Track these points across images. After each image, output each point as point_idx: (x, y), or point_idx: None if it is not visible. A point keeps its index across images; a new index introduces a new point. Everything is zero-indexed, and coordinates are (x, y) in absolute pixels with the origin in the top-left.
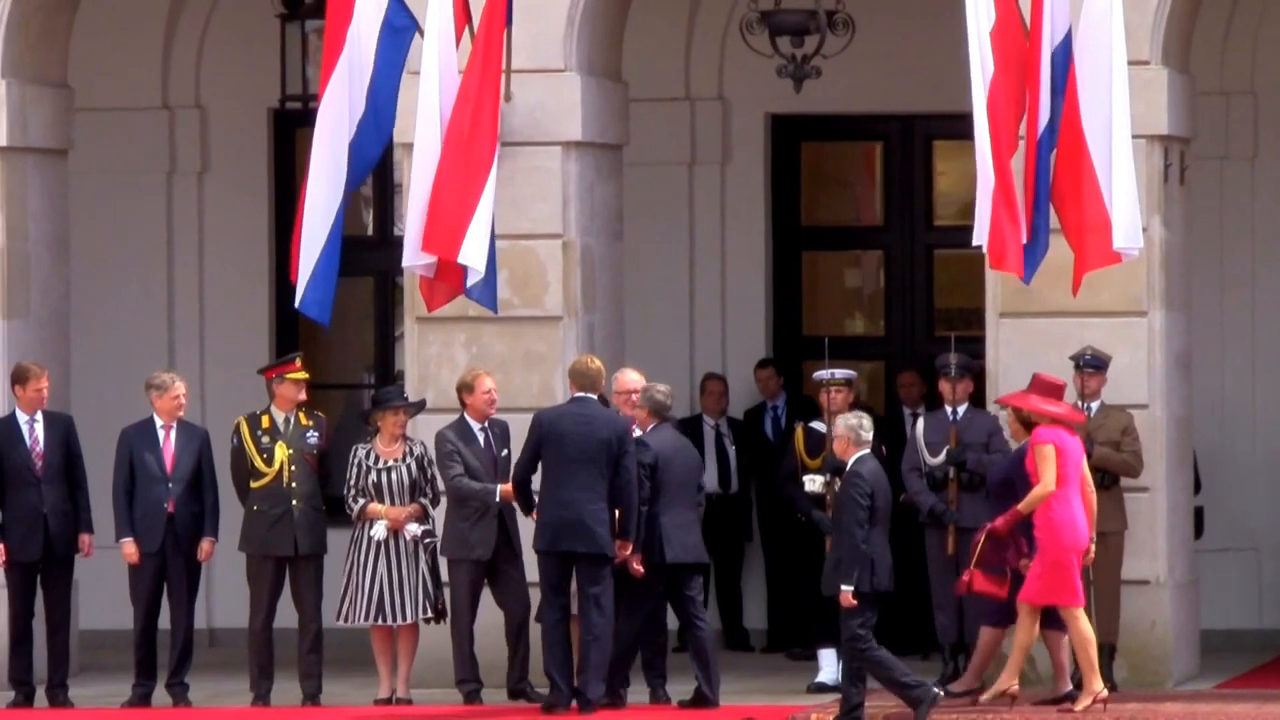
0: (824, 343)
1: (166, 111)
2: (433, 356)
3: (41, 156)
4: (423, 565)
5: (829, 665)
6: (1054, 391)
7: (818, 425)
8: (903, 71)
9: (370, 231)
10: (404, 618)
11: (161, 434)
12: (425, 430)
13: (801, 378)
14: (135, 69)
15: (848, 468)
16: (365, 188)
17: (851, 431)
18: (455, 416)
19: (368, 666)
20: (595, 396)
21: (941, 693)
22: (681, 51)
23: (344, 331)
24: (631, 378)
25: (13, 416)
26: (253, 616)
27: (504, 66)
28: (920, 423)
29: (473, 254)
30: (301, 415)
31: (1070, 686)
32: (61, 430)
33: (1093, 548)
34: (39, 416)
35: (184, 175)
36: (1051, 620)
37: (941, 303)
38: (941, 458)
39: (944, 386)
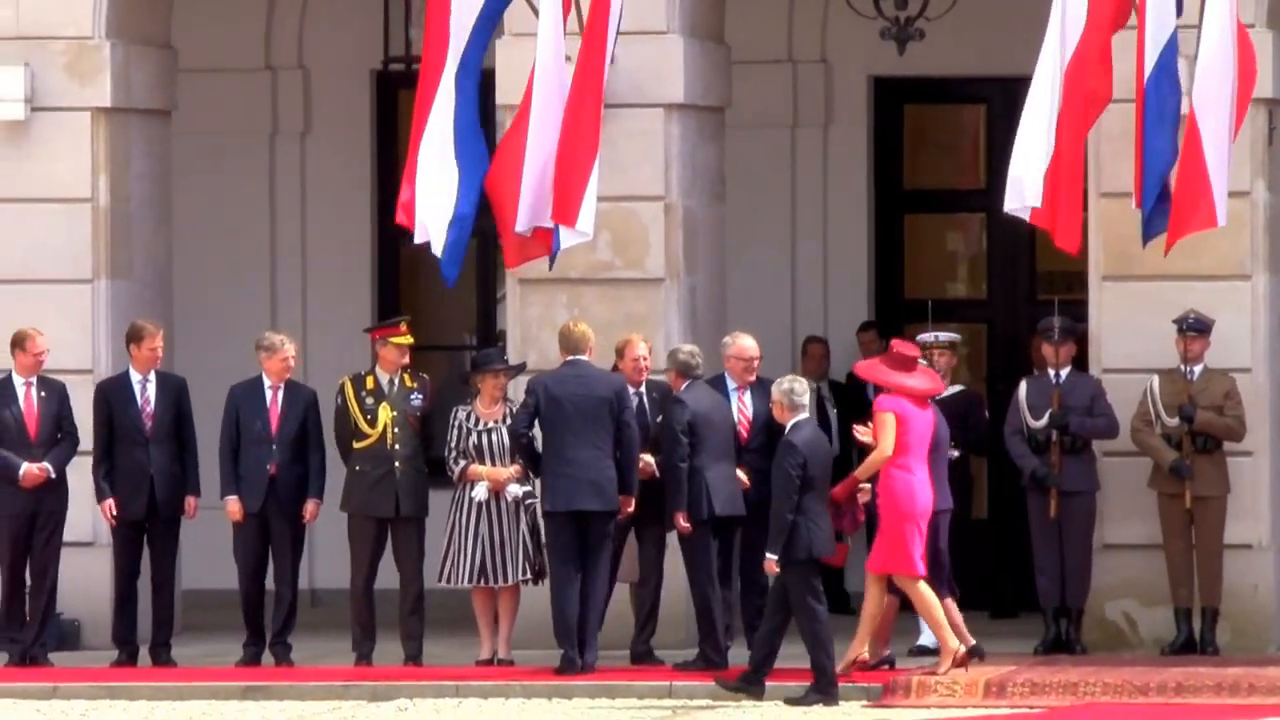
0: (926, 306)
1: (269, 73)
2: (534, 318)
3: (145, 118)
4: (524, 526)
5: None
6: (905, 363)
7: None
8: (1005, 34)
9: None
10: (505, 579)
11: (269, 394)
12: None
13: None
14: (238, 30)
15: (785, 433)
16: None
17: (784, 396)
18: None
19: (469, 627)
20: (586, 357)
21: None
22: (784, 13)
23: (446, 293)
24: (747, 343)
25: (125, 375)
26: (354, 577)
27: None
28: (1023, 386)
29: (586, 221)
30: (406, 377)
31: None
32: (173, 391)
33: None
34: (151, 376)
35: (286, 136)
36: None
37: (1044, 266)
38: (1044, 421)
39: (1046, 350)
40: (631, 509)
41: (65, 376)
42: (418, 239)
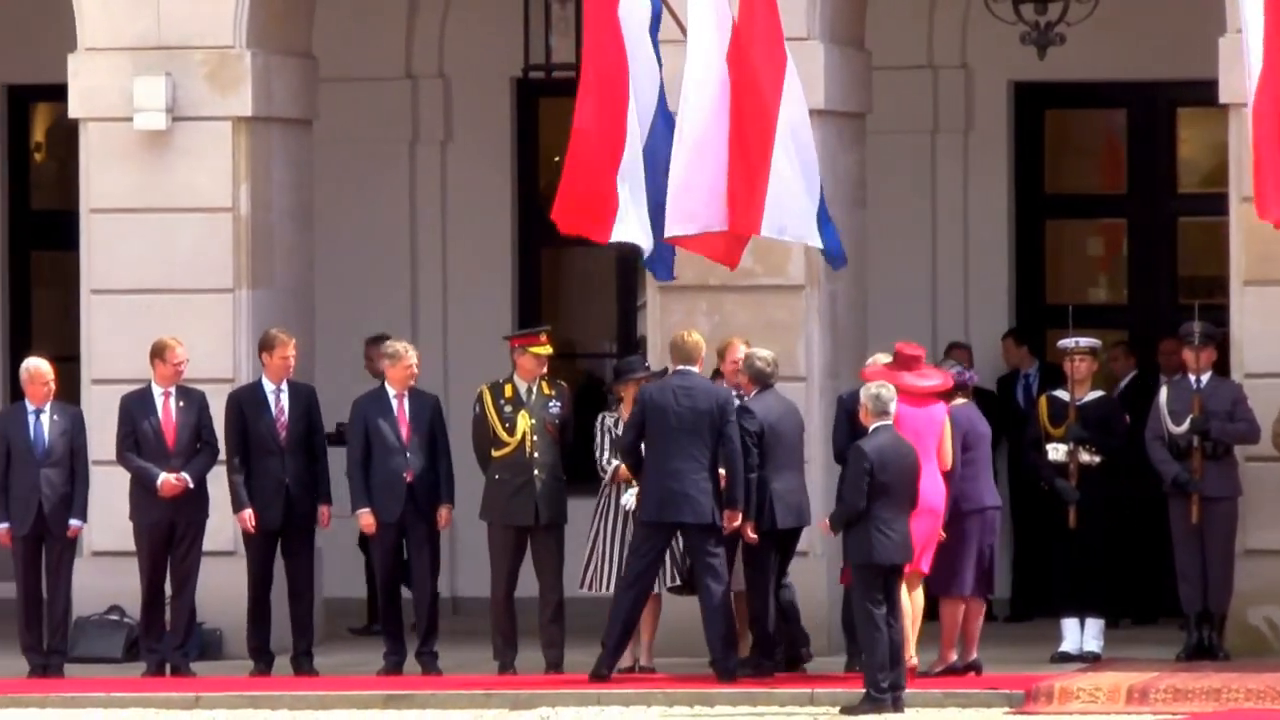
0: (1067, 311)
1: (410, 81)
2: (675, 325)
3: (286, 126)
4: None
5: (1072, 635)
6: (907, 362)
7: (1061, 394)
8: (1146, 38)
9: None
10: (656, 586)
11: (395, 403)
12: None
13: (1045, 346)
14: (379, 39)
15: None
16: None
17: (870, 400)
18: None
19: None
20: (696, 369)
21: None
22: (925, 19)
23: (586, 300)
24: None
25: (259, 384)
26: (494, 585)
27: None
28: (1164, 391)
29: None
30: (544, 385)
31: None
32: (304, 400)
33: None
34: (284, 386)
35: (427, 144)
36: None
37: (1185, 270)
38: (1185, 426)
39: (1187, 355)
40: (738, 523)
41: (206, 386)
42: (619, 236)
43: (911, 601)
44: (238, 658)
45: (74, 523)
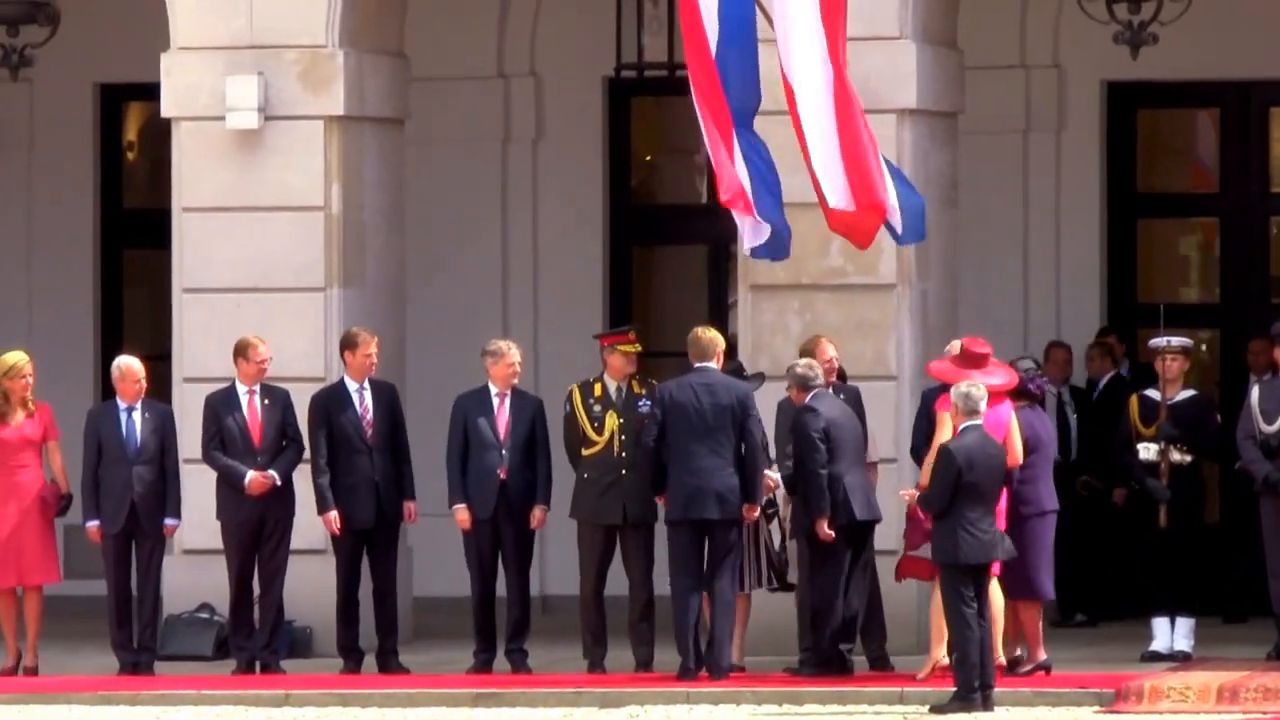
0: (1159, 310)
1: (502, 80)
2: (766, 324)
3: (378, 126)
4: (763, 534)
5: (1162, 634)
6: (974, 360)
7: (1152, 393)
8: (1240, 37)
9: (704, 199)
10: (744, 586)
11: (496, 401)
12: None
13: (1136, 345)
14: (471, 38)
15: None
16: (698, 155)
17: (960, 400)
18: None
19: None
20: (715, 365)
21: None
22: (1017, 18)
23: (678, 299)
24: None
25: (342, 384)
26: (583, 584)
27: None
28: (1255, 390)
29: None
30: (635, 384)
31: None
32: (387, 398)
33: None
34: (366, 385)
35: (519, 143)
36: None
37: (1277, 270)
38: (1276, 425)
39: (1278, 354)
40: (756, 516)
41: (297, 386)
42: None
43: (992, 602)
44: (327, 655)
45: (169, 521)
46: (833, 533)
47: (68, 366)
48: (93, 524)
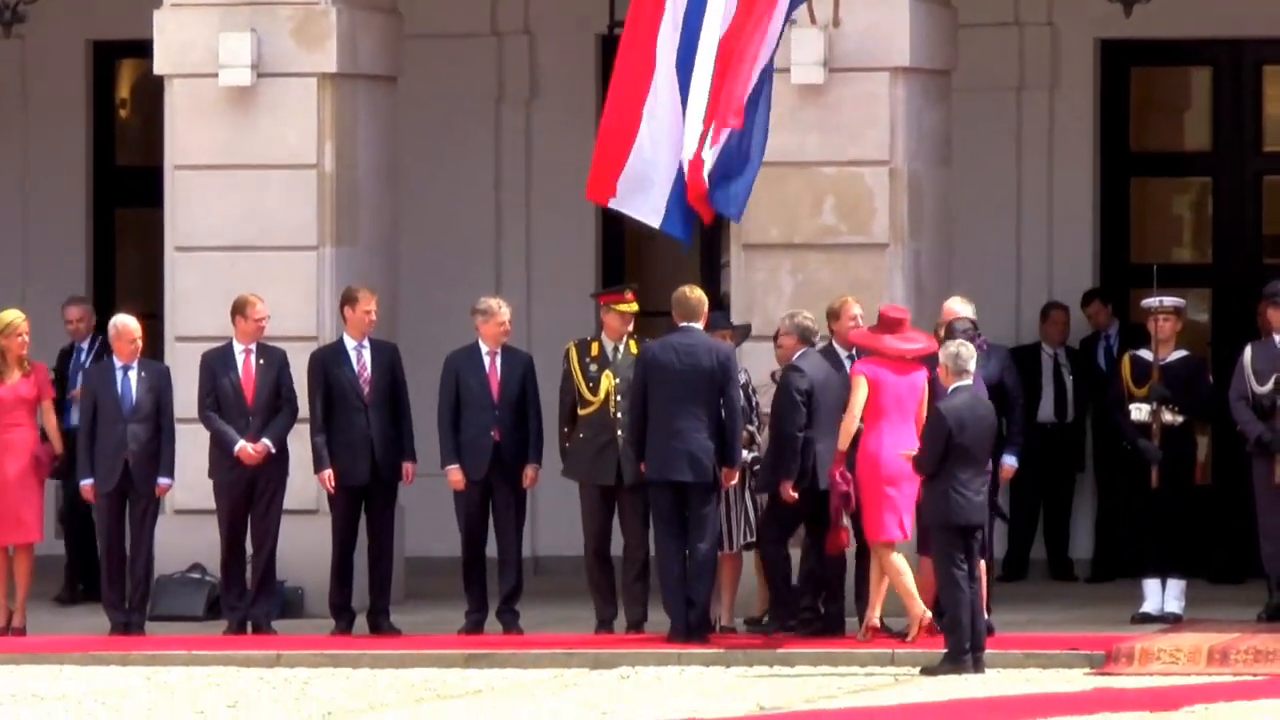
0: (1152, 270)
1: (495, 38)
2: (759, 283)
3: (371, 83)
4: (748, 493)
5: (1153, 595)
6: (891, 325)
7: (1144, 354)
8: None
9: None
10: (729, 545)
11: (487, 360)
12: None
13: (1129, 305)
14: None
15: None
16: None
17: (950, 360)
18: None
19: None
20: (699, 325)
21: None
22: None
23: (670, 258)
24: (955, 306)
25: (340, 342)
26: (586, 544)
27: None
28: (1248, 351)
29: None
30: (632, 344)
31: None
32: (387, 357)
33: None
34: (366, 342)
35: (512, 102)
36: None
37: (1270, 229)
38: (1269, 386)
39: (1272, 314)
40: (735, 481)
41: (290, 344)
42: (616, 205)
43: (890, 565)
44: (319, 616)
45: (162, 481)
46: (795, 495)
47: (62, 325)
48: (86, 482)
